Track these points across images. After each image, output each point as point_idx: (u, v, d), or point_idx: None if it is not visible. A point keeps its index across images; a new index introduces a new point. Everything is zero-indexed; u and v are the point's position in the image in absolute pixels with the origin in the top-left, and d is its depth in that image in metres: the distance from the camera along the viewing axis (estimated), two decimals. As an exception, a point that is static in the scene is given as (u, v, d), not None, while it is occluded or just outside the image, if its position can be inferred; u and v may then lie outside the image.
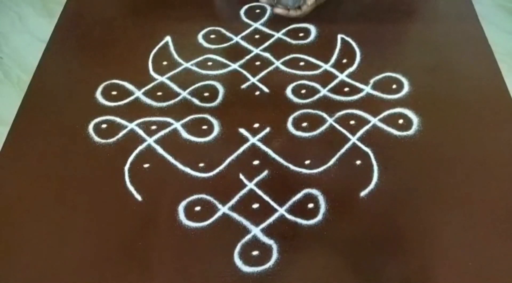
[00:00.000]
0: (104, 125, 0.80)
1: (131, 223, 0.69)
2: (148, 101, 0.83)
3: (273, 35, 0.93)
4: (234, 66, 0.88)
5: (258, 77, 0.86)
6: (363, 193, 0.71)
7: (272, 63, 0.88)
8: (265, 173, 0.74)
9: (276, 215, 0.69)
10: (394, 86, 0.84)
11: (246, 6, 0.98)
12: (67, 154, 0.77)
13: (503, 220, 0.68)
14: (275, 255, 0.66)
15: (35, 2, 1.03)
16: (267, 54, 0.90)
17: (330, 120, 0.80)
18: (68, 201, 0.72)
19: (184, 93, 0.84)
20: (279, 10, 0.70)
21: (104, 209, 0.71)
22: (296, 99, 0.83)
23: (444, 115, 0.80)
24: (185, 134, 0.79)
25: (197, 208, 0.70)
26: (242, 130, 0.79)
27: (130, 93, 0.85)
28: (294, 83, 0.85)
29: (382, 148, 0.76)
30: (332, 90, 0.84)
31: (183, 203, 0.71)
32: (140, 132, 0.79)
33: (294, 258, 0.66)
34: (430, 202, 0.70)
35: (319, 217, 0.69)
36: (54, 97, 0.85)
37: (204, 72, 0.88)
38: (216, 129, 0.80)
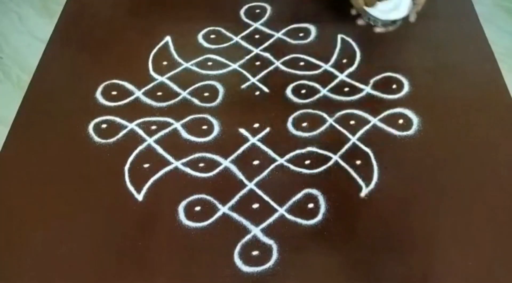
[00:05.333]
0: (104, 125, 0.80)
1: (131, 223, 0.69)
2: (148, 101, 0.83)
3: (273, 35, 0.93)
4: (234, 66, 0.88)
5: (258, 77, 0.86)
6: (363, 193, 0.71)
7: (272, 63, 0.88)
8: (265, 173, 0.74)
9: (276, 215, 0.69)
10: (394, 86, 0.84)
11: (246, 6, 0.98)
12: (67, 154, 0.77)
13: (503, 220, 0.68)
14: (275, 255, 0.66)
15: (35, 2, 1.03)
16: (267, 54, 0.90)
17: (330, 120, 0.80)
18: (68, 201, 0.72)
19: (184, 93, 0.84)
20: (379, 29, 0.75)
21: (104, 209, 0.71)
22: (296, 99, 0.83)
23: (444, 115, 0.80)
24: (185, 134, 0.79)
25: (197, 208, 0.70)
26: (242, 130, 0.79)
27: (130, 93, 0.85)
28: (294, 83, 0.85)
29: (382, 148, 0.76)
30: (332, 90, 0.84)
31: (183, 203, 0.71)
32: (140, 132, 0.79)
33: (294, 258, 0.66)
34: (430, 201, 0.70)
35: (319, 217, 0.69)
36: (54, 97, 0.85)
37: (204, 72, 0.88)
38: (216, 129, 0.80)
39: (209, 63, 0.89)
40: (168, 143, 0.78)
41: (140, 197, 0.72)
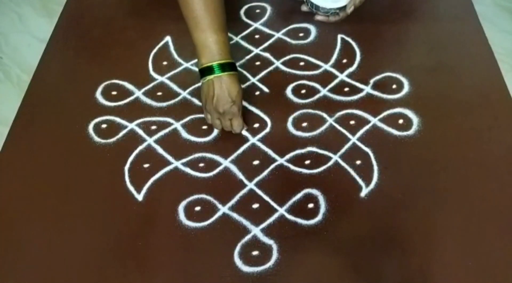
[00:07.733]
0: (104, 125, 0.80)
1: (131, 223, 0.69)
2: (148, 101, 0.83)
3: (273, 35, 0.93)
4: (234, 66, 0.88)
5: (258, 77, 0.86)
6: (363, 193, 0.71)
7: (272, 63, 0.88)
8: (265, 173, 0.74)
9: (276, 215, 0.69)
10: (394, 86, 0.84)
11: (246, 6, 0.98)
12: (67, 154, 0.77)
13: (503, 220, 0.68)
14: (275, 255, 0.66)
15: (35, 2, 1.03)
16: (267, 54, 0.90)
17: (330, 120, 0.80)
18: (68, 201, 0.72)
19: (184, 93, 0.84)
20: (320, 17, 0.82)
21: (104, 209, 0.71)
22: (296, 99, 0.83)
23: (444, 115, 0.80)
24: (185, 134, 0.79)
25: (197, 208, 0.70)
26: (242, 130, 0.79)
27: (130, 93, 0.85)
28: (294, 83, 0.85)
29: (382, 148, 0.76)
30: (332, 90, 0.84)
31: (183, 203, 0.71)
32: (140, 132, 0.79)
33: (294, 258, 0.66)
34: (430, 201, 0.70)
35: (319, 217, 0.69)
36: (54, 97, 0.85)
37: (204, 72, 0.88)
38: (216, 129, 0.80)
39: (209, 63, 0.89)
40: (168, 143, 0.78)
41: (140, 197, 0.72)
